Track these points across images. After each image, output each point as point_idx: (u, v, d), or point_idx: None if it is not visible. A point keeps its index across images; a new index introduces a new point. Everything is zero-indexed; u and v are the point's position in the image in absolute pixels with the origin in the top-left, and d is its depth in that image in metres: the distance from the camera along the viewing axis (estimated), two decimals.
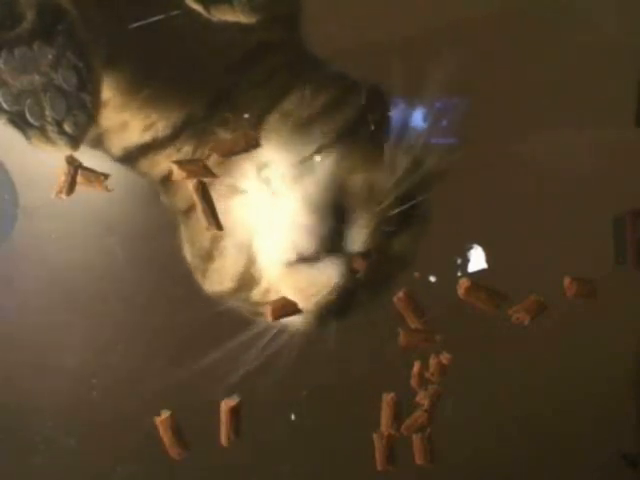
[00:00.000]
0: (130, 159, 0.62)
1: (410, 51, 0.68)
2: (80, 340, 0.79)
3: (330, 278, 0.57)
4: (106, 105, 0.58)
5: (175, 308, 0.75)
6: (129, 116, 0.59)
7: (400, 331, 0.56)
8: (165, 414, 0.57)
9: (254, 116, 0.59)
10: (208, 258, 0.61)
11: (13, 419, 0.79)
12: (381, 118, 0.59)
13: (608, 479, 0.87)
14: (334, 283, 0.57)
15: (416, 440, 0.59)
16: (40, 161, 0.58)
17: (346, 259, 0.56)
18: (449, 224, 0.67)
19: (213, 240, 0.60)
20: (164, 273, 0.75)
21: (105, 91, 0.57)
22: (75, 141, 0.47)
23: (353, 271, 0.56)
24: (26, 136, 0.47)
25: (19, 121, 0.46)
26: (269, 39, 0.59)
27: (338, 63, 0.61)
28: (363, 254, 0.57)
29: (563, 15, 0.73)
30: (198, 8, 0.49)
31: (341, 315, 0.59)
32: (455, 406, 0.68)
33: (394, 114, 0.62)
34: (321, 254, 0.56)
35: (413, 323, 0.56)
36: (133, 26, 0.54)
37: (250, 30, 0.51)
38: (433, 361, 0.59)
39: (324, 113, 0.59)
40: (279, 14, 0.56)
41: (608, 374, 0.84)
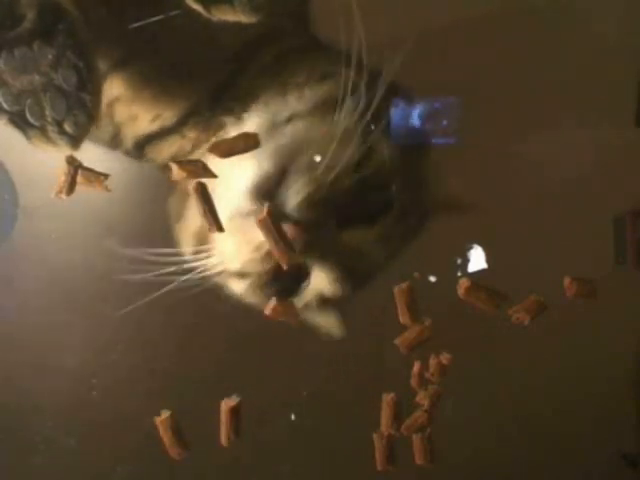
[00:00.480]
0: (139, 148, 0.63)
1: (410, 50, 0.68)
2: (80, 340, 0.79)
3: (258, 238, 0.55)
4: (118, 101, 0.58)
5: (175, 308, 0.75)
6: (138, 108, 0.59)
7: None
8: (165, 414, 0.57)
9: (261, 104, 0.59)
10: (178, 218, 0.64)
11: (13, 419, 0.79)
12: (367, 105, 0.58)
13: (608, 479, 0.87)
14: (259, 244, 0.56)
15: (416, 440, 0.59)
16: (40, 161, 0.58)
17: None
18: (449, 224, 0.67)
19: (182, 200, 0.62)
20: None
21: (115, 88, 0.57)
22: (75, 141, 0.47)
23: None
24: (26, 136, 0.47)
25: (19, 121, 0.46)
26: (271, 31, 0.59)
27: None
28: (295, 222, 0.55)
29: (563, 15, 0.73)
30: (198, 8, 0.49)
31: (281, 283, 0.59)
32: (455, 406, 0.68)
33: (391, 107, 0.61)
34: (257, 210, 0.54)
35: (403, 318, 0.56)
36: (133, 26, 0.54)
37: (251, 25, 0.51)
38: (433, 361, 0.59)
39: (308, 82, 0.59)
40: (280, 13, 0.57)
41: (608, 374, 0.84)
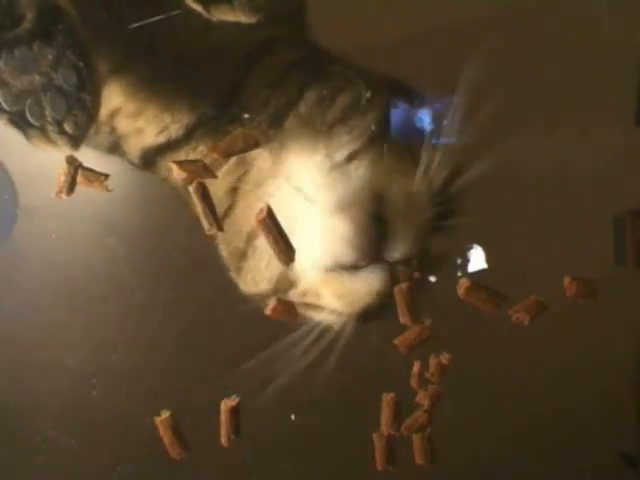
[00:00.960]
0: (148, 163, 0.62)
1: (411, 50, 0.68)
2: (80, 340, 0.79)
3: (371, 287, 0.57)
4: (118, 112, 0.58)
5: (175, 308, 0.75)
6: (144, 122, 0.59)
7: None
8: (165, 414, 0.57)
9: (268, 116, 0.59)
10: (242, 256, 0.62)
11: (13, 419, 0.79)
12: (406, 117, 0.59)
13: (608, 479, 0.87)
14: (375, 291, 0.57)
15: (416, 440, 0.59)
16: (40, 161, 0.58)
17: (387, 267, 0.57)
18: (449, 224, 0.67)
19: (248, 240, 0.61)
20: (164, 273, 0.75)
21: (115, 98, 0.57)
22: (75, 141, 0.47)
23: (394, 279, 0.57)
24: (26, 136, 0.47)
25: (19, 121, 0.46)
26: (272, 36, 0.59)
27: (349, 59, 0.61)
28: (405, 262, 0.57)
29: (563, 15, 0.73)
30: (198, 8, 0.49)
31: (380, 316, 0.60)
32: (455, 406, 0.68)
33: (420, 113, 0.62)
34: (361, 264, 0.57)
35: (403, 318, 0.56)
36: (133, 26, 0.54)
37: (252, 28, 0.51)
38: (433, 361, 0.59)
39: (348, 116, 0.59)
40: (280, 13, 0.56)
41: (608, 374, 0.84)
